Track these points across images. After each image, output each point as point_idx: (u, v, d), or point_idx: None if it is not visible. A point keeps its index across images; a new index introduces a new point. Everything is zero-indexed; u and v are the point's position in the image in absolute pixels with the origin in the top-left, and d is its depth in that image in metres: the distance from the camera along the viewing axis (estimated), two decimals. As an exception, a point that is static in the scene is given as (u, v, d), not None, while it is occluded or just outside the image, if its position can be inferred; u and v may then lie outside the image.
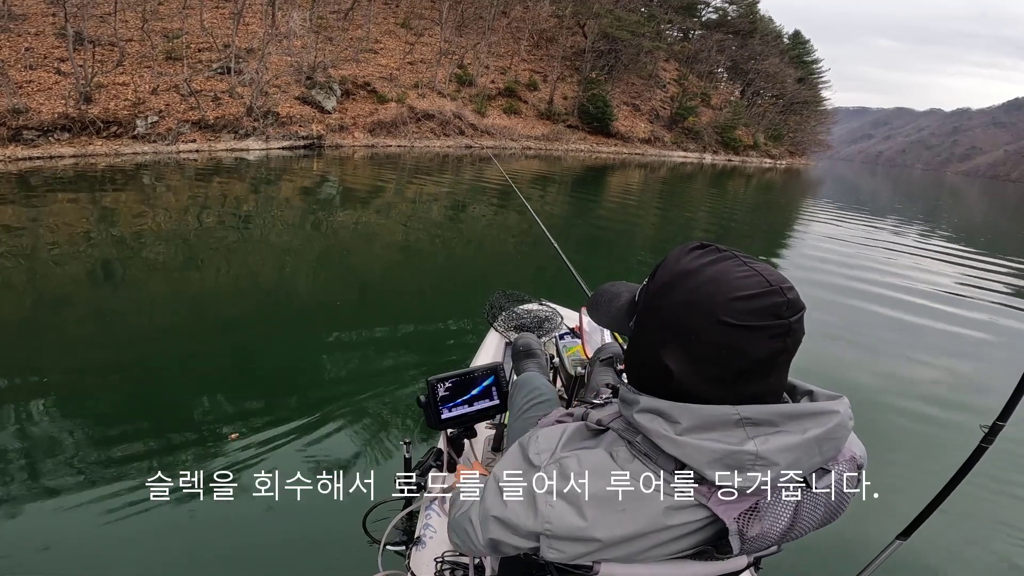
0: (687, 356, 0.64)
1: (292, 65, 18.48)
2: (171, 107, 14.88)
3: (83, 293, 4.67)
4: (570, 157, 24.78)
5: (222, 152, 14.72)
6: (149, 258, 5.59)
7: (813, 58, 45.12)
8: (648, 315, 0.70)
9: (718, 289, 0.62)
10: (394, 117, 20.24)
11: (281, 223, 7.72)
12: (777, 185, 25.31)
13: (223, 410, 2.84)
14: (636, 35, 29.92)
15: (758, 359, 0.62)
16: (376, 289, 5.37)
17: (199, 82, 16.03)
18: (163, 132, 14.33)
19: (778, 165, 38.54)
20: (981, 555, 2.32)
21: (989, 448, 1.25)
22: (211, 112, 15.30)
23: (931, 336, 5.13)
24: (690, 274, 0.65)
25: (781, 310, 0.61)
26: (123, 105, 14.34)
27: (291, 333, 3.92)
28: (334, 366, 3.43)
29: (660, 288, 0.68)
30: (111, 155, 13.08)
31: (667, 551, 0.68)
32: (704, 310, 0.62)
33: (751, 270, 0.63)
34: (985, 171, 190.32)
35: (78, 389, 3.02)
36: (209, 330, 3.97)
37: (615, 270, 6.63)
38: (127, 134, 14.02)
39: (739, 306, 0.61)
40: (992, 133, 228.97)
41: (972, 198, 37.73)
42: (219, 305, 4.55)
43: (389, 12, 26.77)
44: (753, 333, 0.61)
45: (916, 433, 3.25)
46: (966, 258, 9.36)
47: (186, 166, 12.36)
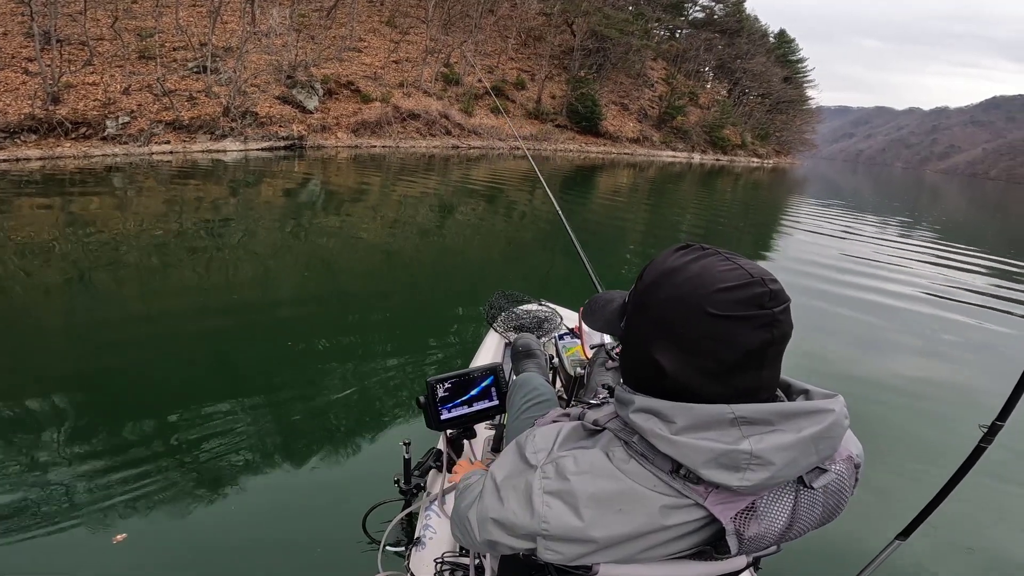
0: (677, 351, 0.64)
1: (272, 64, 17.92)
2: (143, 107, 14.30)
3: (53, 300, 4.41)
4: (559, 157, 24.60)
5: (198, 154, 14.16)
6: (131, 260, 5.30)
7: (798, 57, 45.46)
8: (637, 314, 0.70)
9: (702, 283, 0.63)
10: (379, 117, 19.76)
11: (269, 225, 7.49)
12: (765, 184, 25.44)
13: (222, 411, 2.78)
14: (625, 33, 29.76)
15: (748, 351, 0.63)
16: (375, 290, 5.28)
17: (174, 81, 15.44)
18: (135, 133, 13.74)
19: (765, 164, 38.85)
20: (980, 555, 2.29)
21: (988, 448, 1.24)
22: (186, 112, 14.73)
23: (931, 336, 5.11)
24: (675, 271, 0.66)
25: (764, 300, 0.62)
26: (92, 105, 13.80)
27: (289, 334, 3.81)
28: (333, 367, 3.38)
29: (647, 287, 0.69)
30: (80, 157, 12.61)
31: (665, 551, 0.68)
32: (690, 303, 0.63)
33: (733, 264, 0.64)
34: (964, 169, 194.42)
35: (77, 389, 2.98)
36: (205, 333, 3.88)
37: (606, 275, 6.39)
38: (97, 135, 13.48)
39: (722, 297, 0.61)
40: (970, 131, 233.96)
41: (957, 197, 38.20)
42: (216, 306, 4.42)
43: (374, 10, 26.26)
44: (738, 323, 0.61)
45: (915, 433, 3.23)
46: (965, 258, 9.33)
47: (160, 168, 11.90)
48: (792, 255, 8.47)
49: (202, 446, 2.49)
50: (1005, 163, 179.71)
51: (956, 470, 1.27)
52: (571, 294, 4.11)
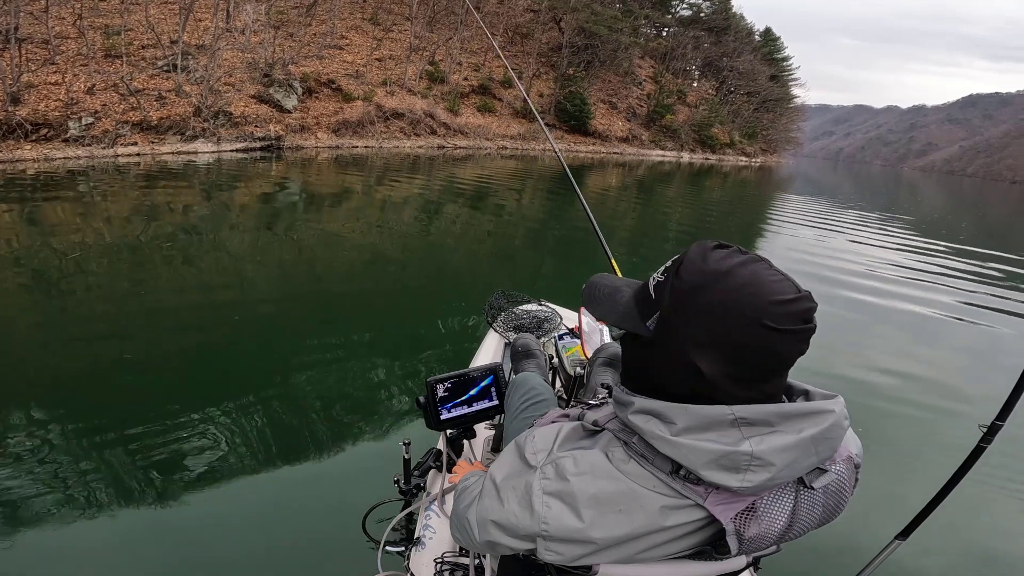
0: (722, 357, 0.63)
1: (247, 61, 17.15)
2: (109, 107, 13.46)
3: (18, 312, 4.14)
4: (547, 157, 24.21)
5: (167, 155, 13.34)
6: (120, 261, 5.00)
7: (784, 55, 45.54)
8: (679, 315, 0.66)
9: (757, 292, 0.62)
10: (361, 116, 19.01)
11: (256, 227, 7.32)
12: (752, 182, 25.58)
13: (222, 413, 2.74)
14: (614, 30, 29.34)
15: (783, 360, 0.64)
16: (374, 290, 5.20)
17: (142, 80, 14.61)
18: (99, 135, 12.92)
19: (753, 163, 39.01)
20: (980, 555, 2.29)
21: (988, 448, 1.22)
22: (154, 112, 13.92)
23: (931, 335, 5.10)
24: (724, 275, 0.64)
25: (810, 315, 0.63)
26: (54, 106, 12.98)
27: (289, 335, 3.80)
28: (333, 368, 3.34)
29: (692, 289, 0.65)
30: (40, 160, 11.86)
31: (665, 552, 0.68)
32: (746, 313, 0.62)
33: (780, 275, 0.64)
34: (941, 166, 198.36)
35: (74, 390, 2.95)
36: (205, 333, 3.82)
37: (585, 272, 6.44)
38: (58, 137, 12.65)
39: (779, 310, 0.61)
40: (947, 129, 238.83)
41: (940, 194, 38.97)
42: (213, 307, 4.30)
43: (356, 7, 25.48)
44: (788, 336, 0.62)
45: (915, 433, 3.23)
46: (966, 258, 9.29)
47: (127, 171, 11.25)
48: (792, 255, 8.32)
49: (202, 447, 2.46)
50: (982, 160, 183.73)
51: (956, 470, 1.24)
52: (571, 294, 4.42)
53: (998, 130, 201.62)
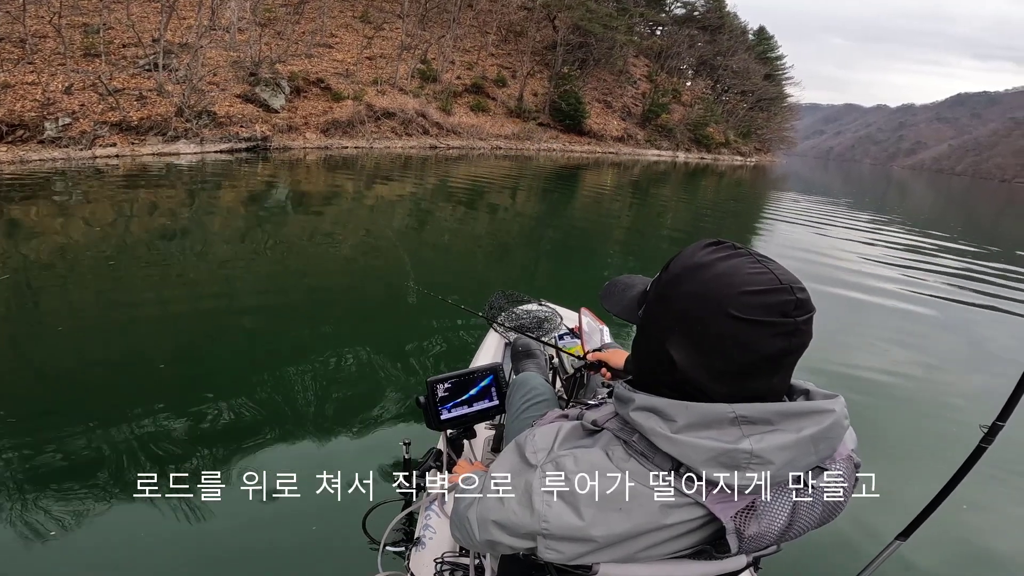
0: (692, 347, 0.63)
1: (233, 60, 16.65)
2: (87, 108, 12.95)
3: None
4: (542, 156, 23.95)
5: (148, 157, 12.84)
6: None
7: (777, 54, 45.46)
8: (657, 305, 0.68)
9: (729, 282, 0.62)
10: (350, 116, 18.54)
11: (244, 229, 7.23)
12: (747, 182, 25.47)
13: (222, 413, 2.74)
14: (609, 28, 29.01)
15: (764, 356, 0.62)
16: (373, 290, 5.22)
17: (122, 80, 14.09)
18: (76, 135, 12.40)
19: (748, 163, 38.91)
20: (980, 555, 2.28)
21: (989, 448, 1.21)
22: (135, 112, 13.40)
23: (931, 335, 5.08)
24: (703, 267, 0.64)
25: (789, 308, 0.61)
26: (30, 106, 12.47)
27: (289, 335, 3.81)
28: (332, 367, 3.35)
29: (671, 279, 0.67)
30: (15, 162, 11.38)
31: (665, 550, 0.68)
32: (712, 301, 0.62)
33: (763, 267, 0.63)
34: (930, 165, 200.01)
35: (75, 389, 2.96)
36: (205, 332, 3.84)
37: (606, 269, 6.53)
38: (34, 138, 12.15)
39: (747, 300, 0.60)
40: (936, 128, 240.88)
41: (935, 194, 39.30)
42: (212, 307, 4.33)
43: (346, 4, 24.97)
44: (759, 328, 0.60)
45: (915, 433, 3.21)
46: (965, 258, 9.18)
47: (106, 173, 10.80)
48: (790, 254, 8.11)
49: (202, 447, 2.47)
50: (971, 159, 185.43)
51: (956, 470, 1.23)
52: (571, 294, 4.15)
53: (987, 129, 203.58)
